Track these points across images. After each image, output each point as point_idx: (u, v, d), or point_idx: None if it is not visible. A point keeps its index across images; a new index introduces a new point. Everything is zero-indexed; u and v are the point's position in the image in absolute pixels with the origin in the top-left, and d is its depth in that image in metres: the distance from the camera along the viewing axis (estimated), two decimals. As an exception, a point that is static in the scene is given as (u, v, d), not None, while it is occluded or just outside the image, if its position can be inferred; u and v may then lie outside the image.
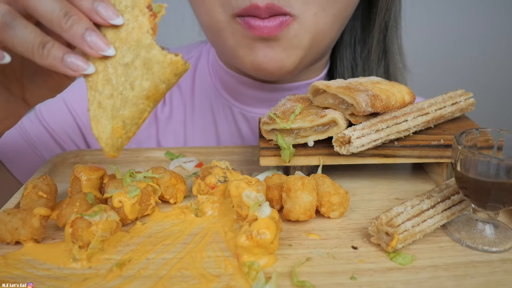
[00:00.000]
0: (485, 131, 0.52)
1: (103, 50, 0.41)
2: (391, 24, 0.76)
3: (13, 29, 0.39)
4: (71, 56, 0.41)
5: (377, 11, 0.74)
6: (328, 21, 0.63)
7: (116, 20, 0.42)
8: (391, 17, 0.76)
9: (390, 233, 0.45)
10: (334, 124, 0.56)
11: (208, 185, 0.54)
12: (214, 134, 0.81)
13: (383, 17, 0.75)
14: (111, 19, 0.41)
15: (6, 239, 0.47)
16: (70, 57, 0.41)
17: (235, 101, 0.78)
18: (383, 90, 0.58)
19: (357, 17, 0.77)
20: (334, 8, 0.62)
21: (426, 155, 0.58)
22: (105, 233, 0.46)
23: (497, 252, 0.46)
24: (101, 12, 0.41)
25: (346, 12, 0.66)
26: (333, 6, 0.62)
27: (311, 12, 0.61)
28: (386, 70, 0.80)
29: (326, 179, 0.53)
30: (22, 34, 0.39)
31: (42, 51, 0.40)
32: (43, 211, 0.48)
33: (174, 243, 0.48)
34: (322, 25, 0.63)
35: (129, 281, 0.42)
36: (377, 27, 0.75)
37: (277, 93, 0.75)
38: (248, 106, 0.78)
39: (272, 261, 0.44)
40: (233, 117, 0.79)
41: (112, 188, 0.53)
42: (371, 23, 0.76)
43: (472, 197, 0.47)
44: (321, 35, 0.64)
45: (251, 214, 0.45)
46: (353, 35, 0.78)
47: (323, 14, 0.62)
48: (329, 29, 0.65)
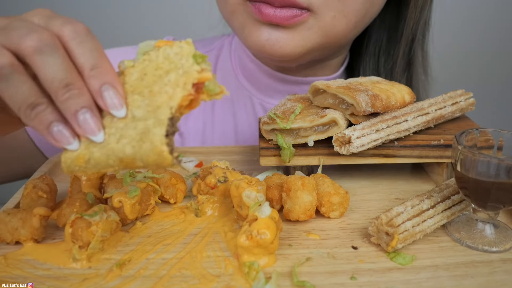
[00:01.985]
0: (485, 131, 0.52)
1: (90, 133, 0.38)
2: (417, 37, 0.77)
3: (6, 82, 0.36)
4: (59, 125, 0.38)
5: (406, 24, 0.74)
6: (346, 27, 0.64)
7: (118, 112, 0.39)
8: (419, 30, 0.76)
9: (390, 233, 0.45)
10: (334, 124, 0.56)
11: (208, 185, 0.54)
12: (232, 123, 0.81)
13: (410, 30, 0.75)
14: (112, 109, 0.39)
15: (6, 239, 0.47)
16: (58, 126, 0.38)
17: (255, 91, 0.79)
18: (383, 90, 0.58)
19: (383, 27, 0.77)
20: (355, 15, 0.63)
21: (426, 155, 0.58)
22: (105, 233, 0.46)
23: (497, 252, 0.46)
24: (105, 98, 0.38)
25: (365, 19, 0.66)
26: (354, 12, 0.62)
27: (330, 14, 0.61)
28: (409, 82, 0.81)
29: (326, 179, 0.53)
30: (15, 89, 0.37)
31: (29, 112, 0.37)
32: (43, 211, 0.48)
33: (174, 243, 0.48)
34: (339, 29, 0.63)
35: (129, 281, 0.42)
36: (404, 39, 0.76)
37: (296, 86, 0.76)
38: (267, 97, 0.79)
39: (272, 261, 0.44)
40: (253, 107, 0.80)
41: (112, 188, 0.53)
42: (398, 34, 0.76)
43: (472, 197, 0.47)
44: (335, 37, 0.65)
45: (251, 214, 0.45)
46: (378, 45, 0.79)
47: (344, 19, 0.62)
48: (346, 34, 0.65)
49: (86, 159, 0.39)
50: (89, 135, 0.38)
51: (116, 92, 0.39)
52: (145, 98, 0.39)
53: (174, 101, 0.38)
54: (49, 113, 0.38)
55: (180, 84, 0.39)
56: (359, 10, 0.63)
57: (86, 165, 0.39)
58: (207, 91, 0.40)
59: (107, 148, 0.39)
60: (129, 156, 0.38)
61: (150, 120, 0.38)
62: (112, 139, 0.39)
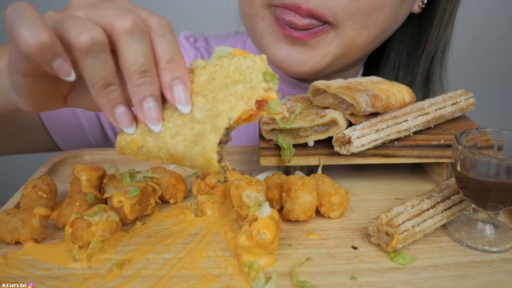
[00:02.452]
0: (485, 131, 0.52)
1: (151, 122, 0.40)
2: (438, 54, 0.77)
3: (92, 58, 0.38)
4: (123, 108, 0.41)
5: (428, 41, 0.74)
6: (366, 39, 0.64)
7: (183, 108, 0.40)
8: (440, 47, 0.76)
9: (390, 233, 0.45)
10: (334, 124, 0.56)
11: (208, 185, 0.54)
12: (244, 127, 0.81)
13: (432, 47, 0.75)
14: (179, 104, 0.40)
15: (6, 239, 0.47)
16: (120, 108, 0.41)
17: None
18: (383, 90, 0.58)
19: (404, 41, 0.77)
20: (377, 28, 0.63)
21: (426, 155, 0.58)
22: (105, 233, 0.46)
23: (497, 252, 0.46)
24: (175, 92, 0.40)
25: (386, 33, 0.66)
26: (376, 25, 0.62)
27: (353, 27, 0.61)
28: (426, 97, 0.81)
29: (326, 179, 0.53)
30: (96, 66, 0.38)
31: (102, 89, 0.39)
32: (43, 211, 0.48)
33: (174, 243, 0.48)
34: (360, 41, 0.63)
35: (129, 281, 0.42)
36: (425, 56, 0.76)
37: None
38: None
39: (272, 261, 0.44)
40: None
41: (112, 188, 0.53)
42: (419, 50, 0.76)
43: (472, 197, 0.47)
44: (356, 50, 0.65)
45: (251, 214, 0.45)
46: (398, 59, 0.79)
47: (365, 32, 0.62)
48: (365, 46, 0.65)
49: (139, 146, 0.41)
50: (150, 123, 0.40)
51: (185, 89, 0.40)
52: (208, 102, 0.40)
53: (235, 113, 0.39)
54: (118, 94, 0.40)
55: (245, 98, 0.39)
56: (382, 23, 0.63)
57: (138, 151, 0.41)
58: (268, 109, 0.40)
59: (161, 141, 0.40)
60: (179, 154, 0.40)
61: (207, 125, 0.39)
62: (167, 133, 0.40)
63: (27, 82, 0.42)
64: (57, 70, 0.37)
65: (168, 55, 0.40)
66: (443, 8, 0.71)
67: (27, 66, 0.39)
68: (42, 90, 0.43)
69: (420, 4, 0.70)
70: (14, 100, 0.46)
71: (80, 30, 0.37)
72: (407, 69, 0.79)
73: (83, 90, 0.46)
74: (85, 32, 0.37)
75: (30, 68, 0.40)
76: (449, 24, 0.74)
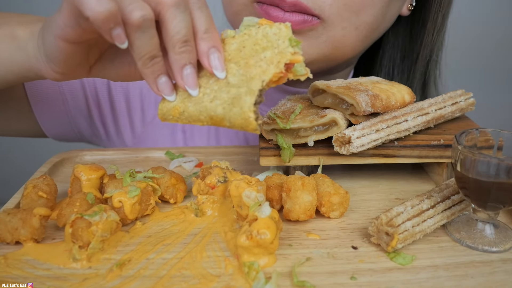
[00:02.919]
0: (485, 131, 0.52)
1: (189, 87, 0.45)
2: (433, 59, 0.77)
3: (142, 33, 0.42)
4: (166, 77, 0.45)
5: (422, 46, 0.74)
6: (357, 39, 0.63)
7: (219, 74, 0.45)
8: (434, 51, 0.76)
9: (390, 233, 0.45)
10: (334, 124, 0.56)
11: (208, 185, 0.54)
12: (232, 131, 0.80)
13: (427, 52, 0.75)
14: (216, 69, 0.44)
15: (6, 239, 0.47)
16: (163, 78, 0.45)
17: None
18: (383, 90, 0.58)
19: (397, 46, 0.77)
20: (367, 28, 0.62)
21: (426, 155, 0.58)
22: (105, 233, 0.46)
23: (497, 252, 0.46)
24: (212, 60, 0.44)
25: (375, 34, 0.66)
26: (366, 25, 0.62)
27: (342, 25, 0.60)
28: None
29: (326, 179, 0.53)
30: (144, 41, 0.42)
31: (148, 61, 0.44)
32: (43, 211, 0.48)
33: (174, 243, 0.48)
34: (350, 41, 0.63)
35: (129, 281, 0.42)
36: (420, 61, 0.76)
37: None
38: (266, 107, 0.77)
39: (272, 261, 0.44)
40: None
41: (112, 188, 0.53)
42: (413, 55, 0.76)
43: (472, 197, 0.47)
44: (344, 49, 0.64)
45: (251, 214, 0.45)
46: (392, 64, 0.78)
47: (355, 32, 0.62)
48: (355, 47, 0.65)
49: (180, 111, 0.46)
50: (189, 88, 0.45)
51: (221, 56, 0.45)
52: (241, 68, 0.45)
53: (267, 75, 0.43)
54: (161, 65, 0.45)
55: (274, 61, 0.44)
56: (371, 23, 0.62)
57: (180, 116, 0.46)
58: (294, 72, 0.45)
59: (201, 105, 0.45)
60: (219, 116, 0.44)
61: (242, 88, 0.44)
62: (206, 98, 0.45)
63: (67, 48, 0.45)
64: (115, 38, 0.41)
65: (205, 26, 0.44)
66: (435, 11, 0.71)
67: (77, 32, 0.43)
68: (76, 57, 0.47)
69: (409, 7, 0.70)
70: (37, 67, 0.50)
71: (132, 6, 0.40)
72: (401, 74, 0.78)
73: (108, 62, 0.51)
74: (137, 9, 0.40)
75: (78, 34, 0.43)
76: (442, 27, 0.74)
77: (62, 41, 0.44)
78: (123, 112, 0.79)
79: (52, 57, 0.47)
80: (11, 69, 0.53)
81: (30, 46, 0.50)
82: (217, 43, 0.45)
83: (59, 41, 0.45)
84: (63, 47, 0.45)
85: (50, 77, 0.50)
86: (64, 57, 0.46)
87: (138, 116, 0.80)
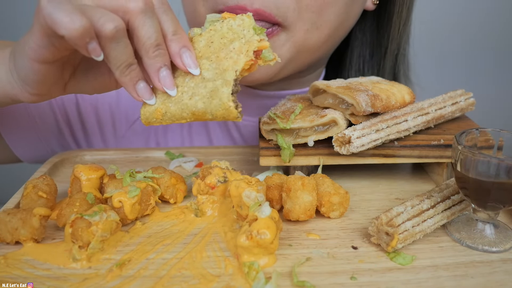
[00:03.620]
0: (485, 131, 0.52)
1: (168, 88, 0.47)
2: (400, 52, 0.76)
3: (117, 44, 0.43)
4: (142, 84, 0.47)
5: (390, 39, 0.73)
6: (318, 39, 0.62)
7: (194, 71, 0.47)
8: (402, 44, 0.75)
9: (390, 233, 0.45)
10: (334, 124, 0.56)
11: (208, 185, 0.54)
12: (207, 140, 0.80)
13: (395, 45, 0.75)
14: (190, 67, 0.47)
15: (6, 239, 0.47)
16: (141, 84, 0.47)
17: None
18: (383, 90, 0.58)
19: (365, 42, 0.76)
20: (328, 27, 0.61)
21: (426, 155, 0.58)
22: (105, 233, 0.46)
23: (497, 252, 0.46)
24: (184, 59, 0.47)
25: (339, 32, 0.65)
26: (328, 24, 0.61)
27: (304, 28, 0.60)
28: None
29: (326, 179, 0.53)
30: (119, 50, 0.43)
31: (125, 69, 0.45)
32: (43, 211, 0.48)
33: (174, 243, 0.48)
34: (312, 42, 0.62)
35: (129, 281, 0.42)
36: (389, 55, 0.75)
37: (269, 101, 0.73)
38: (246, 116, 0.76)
39: (272, 261, 0.44)
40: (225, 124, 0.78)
41: (112, 188, 0.53)
42: (381, 50, 0.75)
43: (472, 197, 0.47)
44: (308, 51, 0.63)
45: (251, 214, 0.45)
46: (362, 60, 0.78)
47: (316, 32, 0.61)
48: (319, 47, 0.64)
49: (163, 113, 0.48)
50: (167, 89, 0.47)
51: (192, 54, 0.47)
52: (213, 62, 0.47)
53: (239, 65, 0.46)
54: (138, 72, 0.46)
55: (243, 51, 0.47)
56: (333, 22, 0.61)
57: (163, 117, 0.48)
58: (264, 58, 0.48)
59: (182, 104, 0.47)
60: (201, 110, 0.46)
61: (218, 80, 0.46)
62: (185, 96, 0.47)
63: (42, 69, 0.45)
64: (91, 52, 0.42)
65: (173, 28, 0.46)
66: (400, 4, 0.70)
67: (51, 51, 0.44)
68: (51, 77, 0.47)
69: (374, 1, 0.69)
70: (12, 92, 0.50)
71: (104, 19, 0.41)
72: (372, 70, 0.78)
73: (82, 76, 0.51)
74: (109, 21, 0.41)
75: (52, 53, 0.44)
76: (408, 20, 0.73)
77: (36, 62, 0.45)
78: (94, 129, 0.78)
79: (27, 80, 0.47)
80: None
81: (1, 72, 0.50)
82: (186, 43, 0.47)
83: (33, 63, 0.45)
84: (37, 69, 0.45)
85: (27, 100, 0.50)
86: (39, 78, 0.46)
87: (109, 131, 0.79)
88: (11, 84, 0.49)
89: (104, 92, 0.53)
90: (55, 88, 0.50)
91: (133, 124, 0.79)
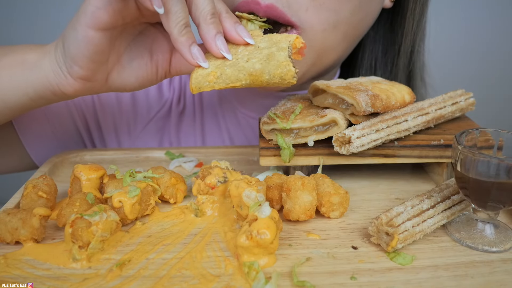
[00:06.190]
0: (485, 131, 0.52)
1: (225, 51, 0.49)
2: (416, 49, 0.75)
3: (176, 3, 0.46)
4: (196, 47, 0.48)
5: (404, 36, 0.72)
6: (337, 39, 0.61)
7: (250, 40, 0.50)
8: (417, 42, 0.74)
9: (390, 233, 0.45)
10: (334, 124, 0.56)
11: (208, 185, 0.54)
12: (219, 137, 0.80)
13: (409, 43, 0.73)
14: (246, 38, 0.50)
15: (6, 239, 0.47)
16: (195, 47, 0.48)
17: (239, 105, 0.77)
18: (383, 90, 0.58)
19: (378, 40, 0.75)
20: (346, 26, 0.60)
21: (426, 155, 0.58)
22: (105, 233, 0.46)
23: (497, 252, 0.46)
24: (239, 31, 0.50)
25: (357, 31, 0.64)
26: (345, 24, 0.60)
27: (320, 28, 0.59)
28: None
29: (326, 179, 0.53)
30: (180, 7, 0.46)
31: (183, 28, 0.47)
32: (43, 211, 0.48)
33: (174, 243, 0.48)
34: (330, 42, 0.61)
35: (129, 281, 0.42)
36: (403, 53, 0.74)
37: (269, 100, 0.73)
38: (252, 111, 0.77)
39: (272, 261, 0.44)
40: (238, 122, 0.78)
41: (112, 188, 0.53)
42: (395, 47, 0.74)
43: (472, 197, 0.47)
44: (328, 53, 0.63)
45: (251, 214, 0.45)
46: (374, 58, 0.76)
47: (334, 31, 0.60)
48: (337, 46, 0.63)
49: (217, 75, 0.49)
50: (224, 53, 0.49)
51: (245, 29, 0.51)
52: (265, 37, 0.51)
53: (291, 38, 0.49)
54: (193, 35, 0.49)
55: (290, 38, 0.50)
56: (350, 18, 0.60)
57: (217, 80, 0.49)
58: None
59: (238, 66, 0.49)
60: (258, 71, 0.48)
61: (273, 48, 0.49)
62: (240, 61, 0.49)
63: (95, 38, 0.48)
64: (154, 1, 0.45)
65: (225, 8, 0.51)
66: (414, 1, 0.69)
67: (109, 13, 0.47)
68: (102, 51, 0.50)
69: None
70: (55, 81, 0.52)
71: None
72: (384, 68, 0.76)
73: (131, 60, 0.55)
74: None
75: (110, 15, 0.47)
76: (422, 17, 0.72)
77: (91, 29, 0.47)
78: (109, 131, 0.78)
79: (78, 55, 0.49)
80: (25, 91, 0.54)
81: (45, 62, 0.52)
82: (238, 21, 0.51)
83: (88, 31, 0.47)
84: (91, 37, 0.48)
85: (69, 88, 0.52)
86: (90, 51, 0.49)
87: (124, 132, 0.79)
88: (56, 73, 0.52)
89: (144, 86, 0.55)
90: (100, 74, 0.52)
91: (148, 125, 0.79)
